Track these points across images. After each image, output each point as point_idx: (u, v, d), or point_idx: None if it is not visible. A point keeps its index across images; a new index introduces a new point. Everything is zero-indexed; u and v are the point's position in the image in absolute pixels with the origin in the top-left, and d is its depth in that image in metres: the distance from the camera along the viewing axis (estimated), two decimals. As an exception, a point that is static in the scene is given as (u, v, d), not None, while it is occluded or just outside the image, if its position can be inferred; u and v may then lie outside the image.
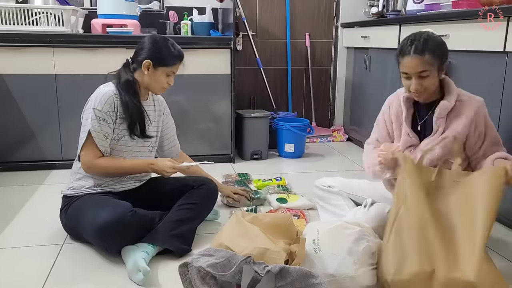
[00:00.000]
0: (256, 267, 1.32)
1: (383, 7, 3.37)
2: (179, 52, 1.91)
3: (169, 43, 1.89)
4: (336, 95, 3.98)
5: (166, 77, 1.90)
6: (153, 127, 2.01)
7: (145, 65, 1.86)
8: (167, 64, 1.88)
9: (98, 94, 1.83)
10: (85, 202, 1.80)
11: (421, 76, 1.64)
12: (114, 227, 1.64)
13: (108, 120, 1.82)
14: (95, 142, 1.80)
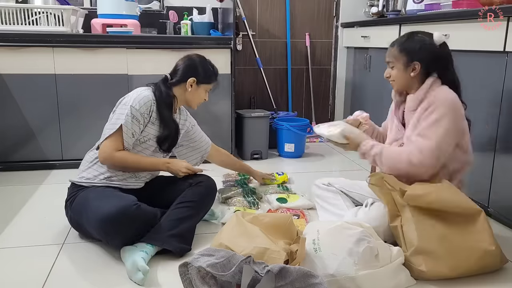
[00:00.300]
0: (256, 267, 1.32)
1: (383, 7, 3.37)
2: (216, 71, 2.10)
3: (208, 62, 2.07)
4: (336, 95, 3.98)
5: (204, 93, 2.08)
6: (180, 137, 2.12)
7: (190, 82, 2.00)
8: (208, 81, 2.06)
9: (139, 95, 1.91)
10: (90, 193, 1.81)
11: (389, 66, 1.84)
12: (117, 218, 1.64)
13: (140, 121, 1.89)
14: (123, 137, 1.86)
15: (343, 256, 1.49)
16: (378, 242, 1.59)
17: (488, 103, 2.08)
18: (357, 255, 1.49)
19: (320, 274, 1.38)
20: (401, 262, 1.59)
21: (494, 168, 2.08)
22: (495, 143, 2.06)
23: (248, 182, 2.64)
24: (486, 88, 2.10)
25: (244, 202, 2.29)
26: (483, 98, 2.09)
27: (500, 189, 2.06)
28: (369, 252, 1.50)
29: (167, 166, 1.98)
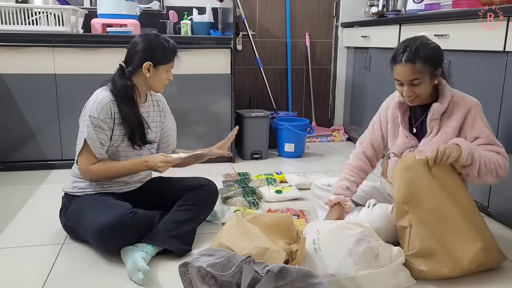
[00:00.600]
0: (256, 267, 1.32)
1: (383, 7, 3.37)
2: (173, 46, 1.89)
3: (161, 39, 1.86)
4: (336, 94, 3.98)
5: (166, 73, 1.90)
6: (154, 128, 1.99)
7: (146, 67, 1.83)
8: (166, 61, 1.86)
9: (95, 101, 1.80)
10: (85, 202, 1.80)
11: (412, 84, 1.67)
12: (114, 228, 1.64)
13: (105, 128, 1.79)
14: (92, 149, 1.79)
15: (343, 256, 1.49)
16: (378, 242, 1.59)
17: (488, 103, 2.08)
18: (357, 255, 1.49)
19: (320, 274, 1.38)
20: (402, 262, 1.59)
21: (494, 168, 2.07)
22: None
23: (248, 182, 2.64)
24: (486, 88, 2.10)
25: (244, 202, 2.29)
26: (483, 98, 2.08)
27: (500, 189, 2.06)
28: (369, 252, 1.50)
29: (145, 164, 1.83)
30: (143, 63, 1.82)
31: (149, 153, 1.98)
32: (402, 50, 1.67)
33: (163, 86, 1.92)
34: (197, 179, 2.04)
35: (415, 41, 1.68)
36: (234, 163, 3.18)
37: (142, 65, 1.82)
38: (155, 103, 2.01)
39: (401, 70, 1.67)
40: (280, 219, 1.72)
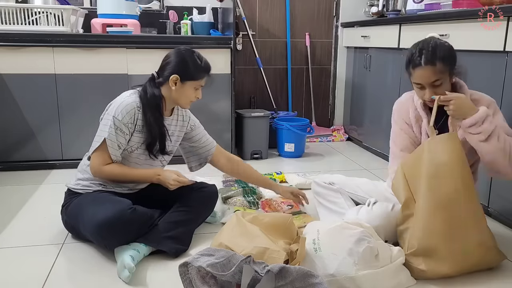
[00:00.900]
0: (256, 267, 1.32)
1: (383, 7, 3.38)
2: (206, 65, 1.88)
3: (195, 55, 1.86)
4: (336, 94, 3.98)
5: (194, 90, 1.88)
6: (174, 142, 1.98)
7: (172, 80, 1.83)
8: (194, 78, 1.85)
9: (122, 103, 1.80)
10: (85, 199, 1.80)
11: (434, 85, 1.64)
12: (113, 223, 1.64)
13: (125, 131, 1.79)
14: (109, 150, 1.78)
15: (343, 256, 1.49)
16: (379, 242, 1.59)
17: (488, 103, 2.08)
18: (357, 255, 1.49)
19: (320, 274, 1.38)
20: (402, 262, 1.59)
21: (494, 168, 2.07)
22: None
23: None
24: (486, 88, 2.09)
25: (244, 202, 2.29)
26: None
27: (500, 189, 2.06)
28: (369, 252, 1.50)
29: (157, 178, 1.83)
30: (170, 76, 1.82)
31: (161, 165, 1.98)
32: (418, 53, 1.64)
33: (189, 103, 1.91)
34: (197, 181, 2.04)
35: (429, 43, 1.66)
36: (234, 163, 3.17)
37: (169, 77, 1.83)
38: (180, 117, 2.00)
39: (422, 73, 1.64)
40: (280, 219, 1.72)
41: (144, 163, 1.91)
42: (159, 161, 1.96)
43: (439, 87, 1.65)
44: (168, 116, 1.94)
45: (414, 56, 1.66)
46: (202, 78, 1.88)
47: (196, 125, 2.09)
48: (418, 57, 1.64)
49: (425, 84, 1.65)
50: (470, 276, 1.62)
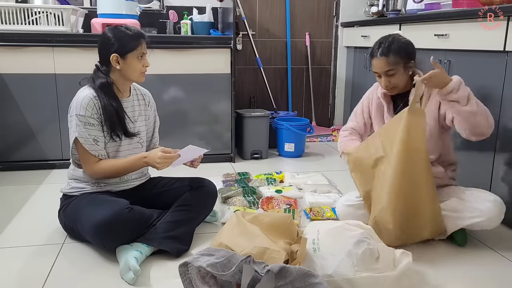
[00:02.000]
0: (256, 267, 1.32)
1: (383, 7, 3.37)
2: (137, 32, 1.85)
3: (123, 28, 1.84)
4: (336, 94, 3.98)
5: (139, 60, 1.84)
6: (140, 121, 1.98)
7: (114, 60, 1.81)
8: (132, 48, 1.81)
9: (78, 100, 1.80)
10: (83, 201, 1.80)
11: (388, 75, 1.88)
12: (111, 224, 1.65)
13: (94, 123, 1.79)
14: (86, 148, 1.78)
15: (342, 257, 1.49)
16: (380, 245, 1.58)
17: (488, 102, 2.07)
18: (356, 257, 1.48)
19: (319, 274, 1.38)
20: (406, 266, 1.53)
21: (494, 166, 2.08)
22: (495, 142, 2.06)
23: (248, 182, 2.64)
24: (486, 88, 2.10)
25: (244, 202, 2.29)
26: (483, 98, 2.08)
27: (500, 188, 2.06)
28: (369, 254, 1.49)
29: (144, 160, 1.82)
30: (110, 57, 1.80)
31: (142, 147, 1.98)
32: (377, 46, 1.90)
33: (141, 75, 1.88)
34: (197, 179, 2.04)
35: (388, 38, 1.92)
36: (234, 163, 3.18)
37: (109, 59, 1.80)
38: (140, 96, 2.01)
39: (377, 63, 1.89)
40: (280, 219, 1.72)
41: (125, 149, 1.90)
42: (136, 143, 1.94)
43: (392, 77, 1.87)
44: (127, 98, 1.93)
45: (373, 48, 1.92)
46: (140, 45, 1.83)
47: (152, 104, 2.08)
48: (376, 49, 1.90)
49: (380, 72, 1.89)
50: (470, 276, 1.62)
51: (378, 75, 1.92)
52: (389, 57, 1.86)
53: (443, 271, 1.67)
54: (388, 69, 1.86)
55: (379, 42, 1.92)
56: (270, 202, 2.26)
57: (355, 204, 1.96)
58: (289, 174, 2.75)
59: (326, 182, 2.63)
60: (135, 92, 1.99)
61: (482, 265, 1.73)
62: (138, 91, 2.02)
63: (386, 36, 1.94)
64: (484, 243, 1.90)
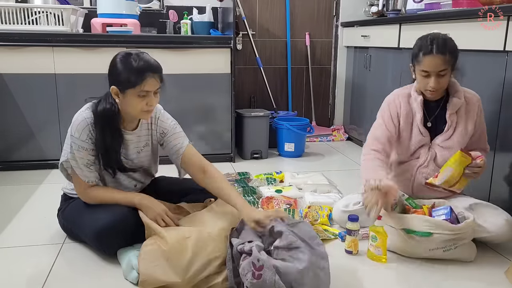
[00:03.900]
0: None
1: (383, 6, 3.37)
2: (144, 64, 1.60)
3: (132, 58, 1.60)
4: (336, 94, 3.98)
5: (140, 99, 1.61)
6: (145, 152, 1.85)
7: (114, 93, 1.64)
8: (132, 84, 1.59)
9: (75, 121, 1.68)
10: (83, 204, 1.79)
11: (440, 75, 1.75)
12: (112, 230, 1.65)
13: (88, 148, 1.67)
14: (76, 172, 1.70)
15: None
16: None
17: (488, 102, 2.08)
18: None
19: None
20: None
21: (494, 166, 2.07)
22: (495, 141, 2.05)
23: (248, 182, 2.64)
24: (486, 87, 2.09)
25: (244, 202, 2.28)
26: (483, 97, 2.08)
27: (500, 187, 2.06)
28: None
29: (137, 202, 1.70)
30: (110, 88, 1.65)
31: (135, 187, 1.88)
32: (430, 42, 1.75)
33: (143, 113, 1.65)
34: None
35: (439, 35, 1.78)
36: (234, 163, 3.18)
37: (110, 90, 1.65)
38: (148, 127, 1.82)
39: (432, 60, 1.73)
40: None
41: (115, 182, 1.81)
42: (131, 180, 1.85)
43: (443, 77, 1.75)
44: (132, 130, 1.77)
45: (424, 44, 1.76)
46: (142, 82, 1.59)
47: (165, 132, 1.83)
48: (429, 45, 1.74)
49: (432, 72, 1.74)
50: (470, 277, 1.62)
51: (427, 74, 1.76)
52: (445, 55, 1.73)
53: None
54: (443, 69, 1.74)
55: (430, 38, 1.76)
56: (270, 202, 2.26)
57: (353, 210, 1.94)
58: (289, 174, 2.75)
59: (326, 182, 2.62)
60: (145, 123, 1.80)
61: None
62: (150, 119, 1.81)
63: (434, 34, 1.78)
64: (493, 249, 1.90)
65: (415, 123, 1.89)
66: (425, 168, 1.90)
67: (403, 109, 1.90)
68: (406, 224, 1.70)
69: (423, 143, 1.90)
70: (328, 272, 1.44)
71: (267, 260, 1.33)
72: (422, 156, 1.91)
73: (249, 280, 1.32)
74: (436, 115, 1.89)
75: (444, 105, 1.86)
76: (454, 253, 1.70)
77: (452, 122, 1.85)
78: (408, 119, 1.90)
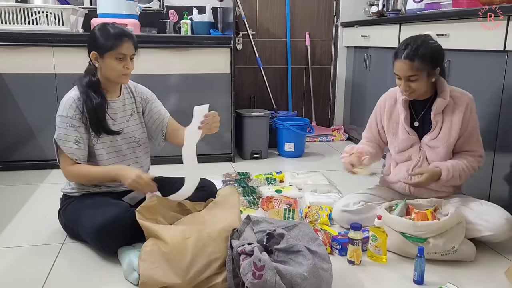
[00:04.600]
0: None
1: (383, 6, 3.37)
2: (119, 31, 1.76)
3: (108, 26, 1.77)
4: (336, 94, 3.98)
5: (118, 61, 1.77)
6: (133, 120, 1.94)
7: (93, 58, 1.79)
8: (110, 47, 1.74)
9: (62, 101, 1.80)
10: (83, 202, 1.80)
11: (409, 80, 1.77)
12: (111, 228, 1.65)
13: (77, 124, 1.76)
14: (63, 150, 1.76)
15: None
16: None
17: (488, 102, 2.08)
18: None
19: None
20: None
21: (494, 167, 2.08)
22: (495, 142, 2.06)
23: (248, 182, 2.64)
24: (486, 87, 2.10)
25: (244, 202, 2.29)
26: (483, 97, 2.09)
27: (500, 187, 2.06)
28: None
29: (116, 172, 1.75)
30: (89, 55, 1.78)
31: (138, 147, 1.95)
32: (404, 47, 1.77)
33: (122, 77, 1.81)
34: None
35: (418, 40, 1.77)
36: (234, 163, 3.18)
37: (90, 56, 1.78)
38: (131, 94, 1.97)
39: (400, 65, 1.77)
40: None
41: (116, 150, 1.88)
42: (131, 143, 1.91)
43: (414, 82, 1.77)
44: (116, 97, 1.89)
45: (400, 48, 1.78)
46: (119, 45, 1.75)
47: (147, 99, 2.00)
48: (402, 50, 1.77)
49: (401, 76, 1.78)
50: (471, 277, 1.62)
51: (398, 77, 1.81)
52: (414, 61, 1.73)
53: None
54: (410, 75, 1.76)
55: (406, 42, 1.78)
56: (270, 202, 2.26)
57: (353, 210, 1.95)
58: (289, 174, 2.75)
59: (326, 182, 2.62)
60: (126, 91, 1.96)
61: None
62: (129, 89, 1.98)
63: (415, 37, 1.79)
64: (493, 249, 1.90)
65: (401, 122, 1.92)
66: (419, 168, 1.90)
67: (388, 109, 1.97)
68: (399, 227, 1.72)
69: (411, 142, 1.91)
70: (331, 273, 1.44)
71: (268, 261, 1.33)
72: (414, 156, 1.93)
73: (250, 280, 1.31)
74: (422, 115, 1.90)
75: (430, 105, 1.87)
76: (454, 256, 1.71)
77: (438, 122, 1.85)
78: (393, 118, 1.96)
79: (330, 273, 1.44)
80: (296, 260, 1.39)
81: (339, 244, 1.80)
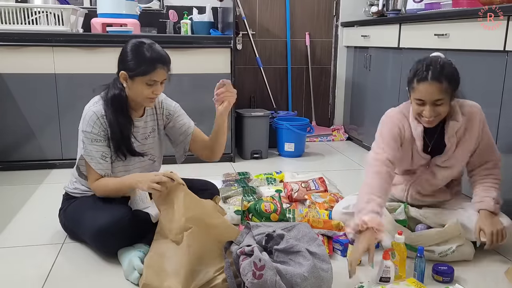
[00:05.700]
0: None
1: (383, 6, 3.37)
2: (156, 55, 1.67)
3: (144, 47, 1.67)
4: (336, 94, 3.98)
5: (147, 87, 1.69)
6: (152, 138, 1.90)
7: (122, 78, 1.71)
8: (142, 73, 1.67)
9: (86, 116, 1.73)
10: (84, 204, 1.80)
11: (435, 104, 1.61)
12: (112, 231, 1.65)
13: (101, 139, 1.73)
14: (91, 166, 1.73)
15: None
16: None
17: (488, 102, 2.08)
18: None
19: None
20: None
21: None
22: (495, 142, 2.05)
23: (248, 182, 2.64)
24: (486, 88, 2.10)
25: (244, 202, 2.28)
26: (483, 98, 2.09)
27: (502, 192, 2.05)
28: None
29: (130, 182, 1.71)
30: (119, 73, 1.72)
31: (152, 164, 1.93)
32: (425, 69, 1.59)
33: (148, 100, 1.74)
34: (201, 181, 2.03)
35: (437, 60, 1.62)
36: (234, 163, 3.18)
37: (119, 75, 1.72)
38: (152, 112, 1.90)
39: (427, 89, 1.58)
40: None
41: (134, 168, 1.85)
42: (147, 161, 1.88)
43: (439, 107, 1.61)
44: (139, 117, 1.84)
45: (419, 70, 1.60)
46: (152, 72, 1.67)
47: (171, 113, 1.95)
48: (424, 71, 1.59)
49: (427, 100, 1.60)
50: (471, 276, 1.62)
51: (422, 103, 1.62)
52: (442, 83, 1.57)
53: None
54: (439, 98, 1.58)
55: (426, 64, 1.60)
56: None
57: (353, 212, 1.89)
58: (289, 174, 2.75)
59: (326, 182, 2.62)
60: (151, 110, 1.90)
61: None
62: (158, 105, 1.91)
63: (431, 58, 1.64)
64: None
65: (415, 149, 1.79)
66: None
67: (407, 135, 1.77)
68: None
69: (421, 163, 1.84)
70: (331, 273, 1.44)
71: (268, 261, 1.33)
72: (419, 171, 1.87)
73: (250, 280, 1.31)
74: (435, 139, 1.78)
75: (442, 129, 1.73)
76: (452, 257, 1.71)
77: (452, 144, 1.74)
78: (405, 145, 1.79)
79: (330, 273, 1.43)
80: (296, 261, 1.39)
81: (341, 245, 1.79)
